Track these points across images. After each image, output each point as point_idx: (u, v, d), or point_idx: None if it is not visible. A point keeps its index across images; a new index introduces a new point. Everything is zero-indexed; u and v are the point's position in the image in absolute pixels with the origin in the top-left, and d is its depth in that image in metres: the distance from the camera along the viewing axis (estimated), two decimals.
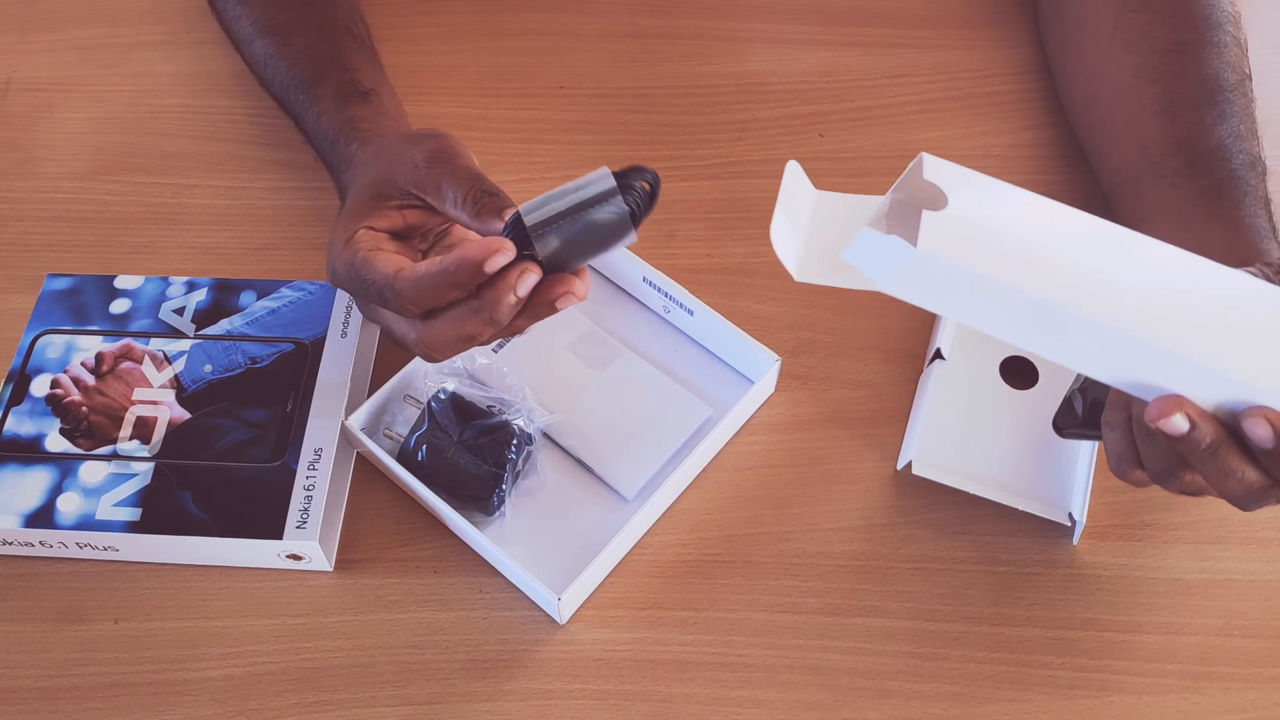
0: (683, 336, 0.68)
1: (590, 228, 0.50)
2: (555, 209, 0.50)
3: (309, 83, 0.67)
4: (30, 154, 0.77)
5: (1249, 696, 0.57)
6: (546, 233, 0.50)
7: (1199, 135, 0.64)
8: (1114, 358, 0.46)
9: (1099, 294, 0.45)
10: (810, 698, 0.57)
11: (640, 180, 0.50)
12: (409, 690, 0.57)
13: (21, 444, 0.61)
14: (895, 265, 0.45)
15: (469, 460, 0.60)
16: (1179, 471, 0.50)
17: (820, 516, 0.63)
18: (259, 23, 0.71)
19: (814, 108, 0.79)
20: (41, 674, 0.58)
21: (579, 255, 0.51)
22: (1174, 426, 0.46)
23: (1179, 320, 0.46)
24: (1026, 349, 0.48)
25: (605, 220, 0.49)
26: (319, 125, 0.65)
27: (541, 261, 0.51)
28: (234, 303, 0.66)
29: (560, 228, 0.50)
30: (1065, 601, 0.60)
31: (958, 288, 0.45)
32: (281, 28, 0.70)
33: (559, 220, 0.49)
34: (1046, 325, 0.46)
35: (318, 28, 0.69)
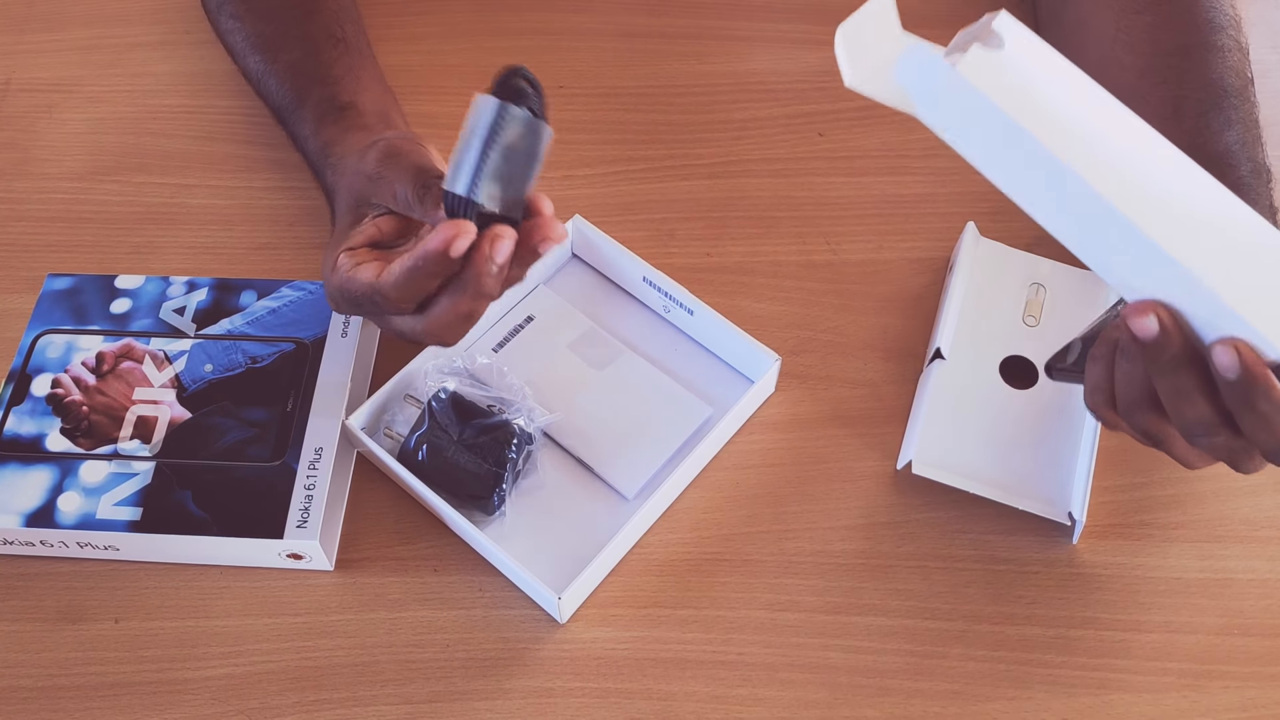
0: (683, 336, 0.68)
1: (509, 152, 0.50)
2: (470, 160, 0.49)
3: (293, 104, 0.67)
4: (30, 154, 0.77)
5: (1248, 695, 0.57)
6: (477, 185, 0.50)
7: (1206, 141, 0.63)
8: (1109, 243, 0.46)
9: (1116, 178, 0.45)
10: (810, 696, 0.57)
11: (516, 81, 0.49)
12: (409, 689, 0.57)
13: (22, 443, 0.61)
14: (933, 85, 0.46)
15: (469, 459, 0.60)
16: (1146, 406, 0.50)
17: (820, 515, 0.63)
18: (250, 37, 0.72)
19: (813, 107, 0.79)
20: (42, 673, 0.58)
21: (520, 181, 0.51)
22: (1144, 327, 0.46)
23: (1190, 232, 0.45)
24: (1032, 212, 0.48)
25: (517, 136, 0.49)
26: (305, 149, 0.67)
27: (498, 212, 0.50)
28: (234, 302, 0.66)
29: (486, 171, 0.49)
30: (1065, 600, 0.60)
31: (983, 124, 0.46)
32: (269, 43, 0.70)
33: (480, 166, 0.49)
34: (1056, 190, 0.46)
35: (301, 41, 0.70)
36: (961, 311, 0.67)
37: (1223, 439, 0.49)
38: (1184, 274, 0.45)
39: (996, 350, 0.66)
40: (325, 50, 0.69)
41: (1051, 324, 0.67)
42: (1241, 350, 0.45)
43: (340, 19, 0.71)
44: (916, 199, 0.75)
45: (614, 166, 0.76)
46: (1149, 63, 0.67)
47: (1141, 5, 0.69)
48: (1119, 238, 0.46)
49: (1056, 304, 0.68)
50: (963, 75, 0.45)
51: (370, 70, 0.70)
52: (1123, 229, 0.45)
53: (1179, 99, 0.65)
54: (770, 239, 0.73)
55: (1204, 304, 0.45)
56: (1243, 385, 0.45)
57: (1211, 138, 0.63)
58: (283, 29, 0.70)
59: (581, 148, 0.77)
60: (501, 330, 0.68)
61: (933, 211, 0.74)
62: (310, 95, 0.67)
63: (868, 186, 0.75)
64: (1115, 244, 0.46)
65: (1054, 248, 0.72)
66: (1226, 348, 0.45)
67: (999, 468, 0.62)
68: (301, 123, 0.67)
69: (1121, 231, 0.45)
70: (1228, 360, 0.45)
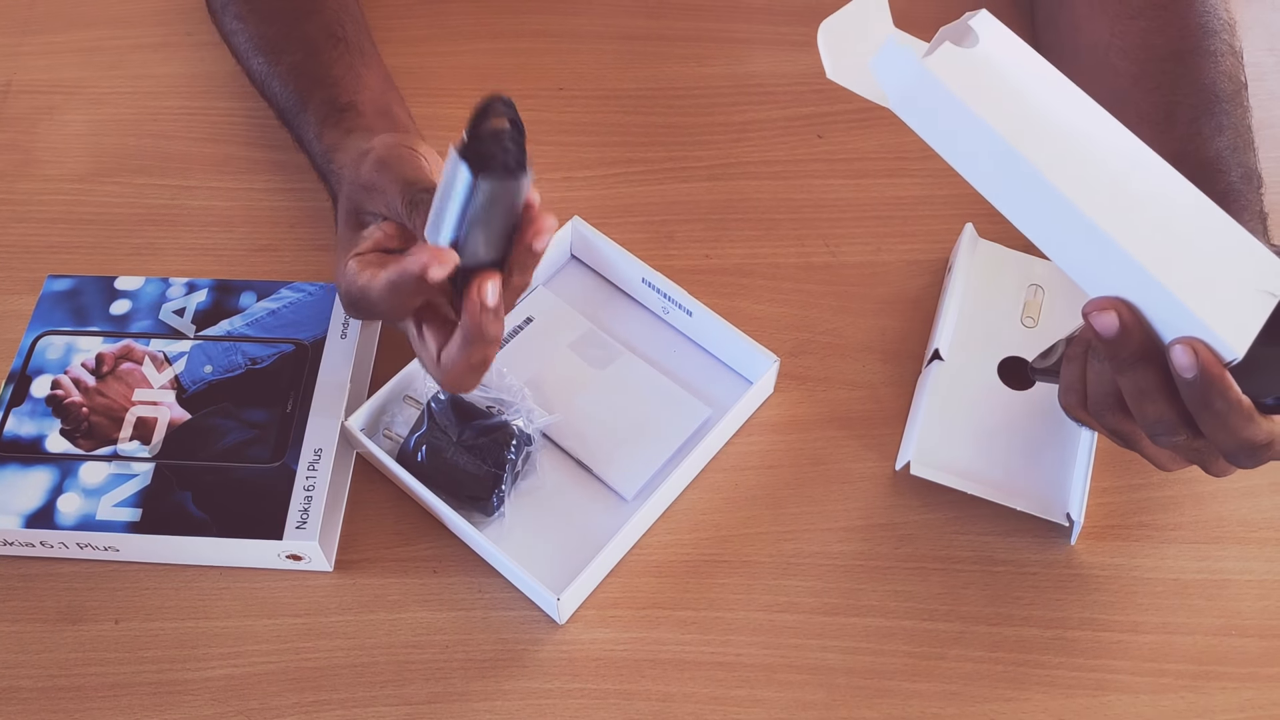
0: (681, 337, 0.68)
1: (488, 212, 0.48)
2: (448, 223, 0.49)
3: (297, 107, 0.68)
4: (30, 156, 0.77)
5: (1246, 695, 0.57)
6: (459, 246, 0.49)
7: (1197, 147, 0.64)
8: (1071, 240, 0.47)
9: (1079, 176, 0.46)
10: (808, 697, 0.57)
11: (491, 128, 0.47)
12: (408, 690, 0.57)
13: (22, 444, 0.61)
14: (904, 80, 0.48)
15: (468, 461, 0.60)
16: (1114, 405, 0.51)
17: (818, 517, 0.63)
18: (253, 39, 0.72)
19: (812, 109, 0.79)
20: (42, 674, 0.58)
21: (501, 229, 0.50)
22: (1105, 322, 0.46)
23: (1153, 232, 0.46)
24: (1000, 206, 0.49)
25: (495, 199, 0.48)
26: (310, 152, 0.67)
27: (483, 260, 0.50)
28: (234, 304, 0.67)
29: (465, 233, 0.49)
30: (1063, 601, 0.60)
31: (951, 119, 0.48)
32: (272, 44, 0.71)
33: (459, 230, 0.49)
34: (1019, 185, 0.47)
35: (302, 42, 0.70)
36: (960, 313, 0.67)
37: (1184, 439, 0.49)
38: (1142, 273, 0.45)
39: (995, 351, 0.66)
40: (325, 51, 0.69)
41: (1050, 325, 0.67)
42: (1199, 350, 0.45)
43: (341, 18, 0.71)
44: (915, 201, 0.75)
45: (613, 169, 0.76)
46: (1142, 68, 0.68)
47: (1136, 10, 0.69)
48: (1079, 234, 0.46)
49: (1055, 305, 0.68)
50: (930, 70, 0.46)
51: (372, 68, 0.70)
52: (1083, 226, 0.46)
53: (1171, 104, 0.65)
54: (769, 241, 0.73)
55: (1163, 303, 0.46)
56: (1200, 385, 0.46)
57: (1202, 143, 0.64)
58: (284, 30, 0.71)
59: (581, 150, 0.77)
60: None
61: (931, 213, 0.74)
62: (312, 98, 0.67)
63: (866, 188, 0.75)
64: (1076, 240, 0.47)
65: None
66: (1184, 347, 0.45)
67: (997, 469, 0.62)
68: (305, 126, 0.67)
69: (1081, 228, 0.46)
70: (1185, 360, 0.45)
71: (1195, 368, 0.45)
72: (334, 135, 0.64)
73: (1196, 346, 0.45)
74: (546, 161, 0.76)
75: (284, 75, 0.69)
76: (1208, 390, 0.46)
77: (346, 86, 0.67)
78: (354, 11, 0.73)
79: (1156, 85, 0.67)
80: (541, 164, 0.76)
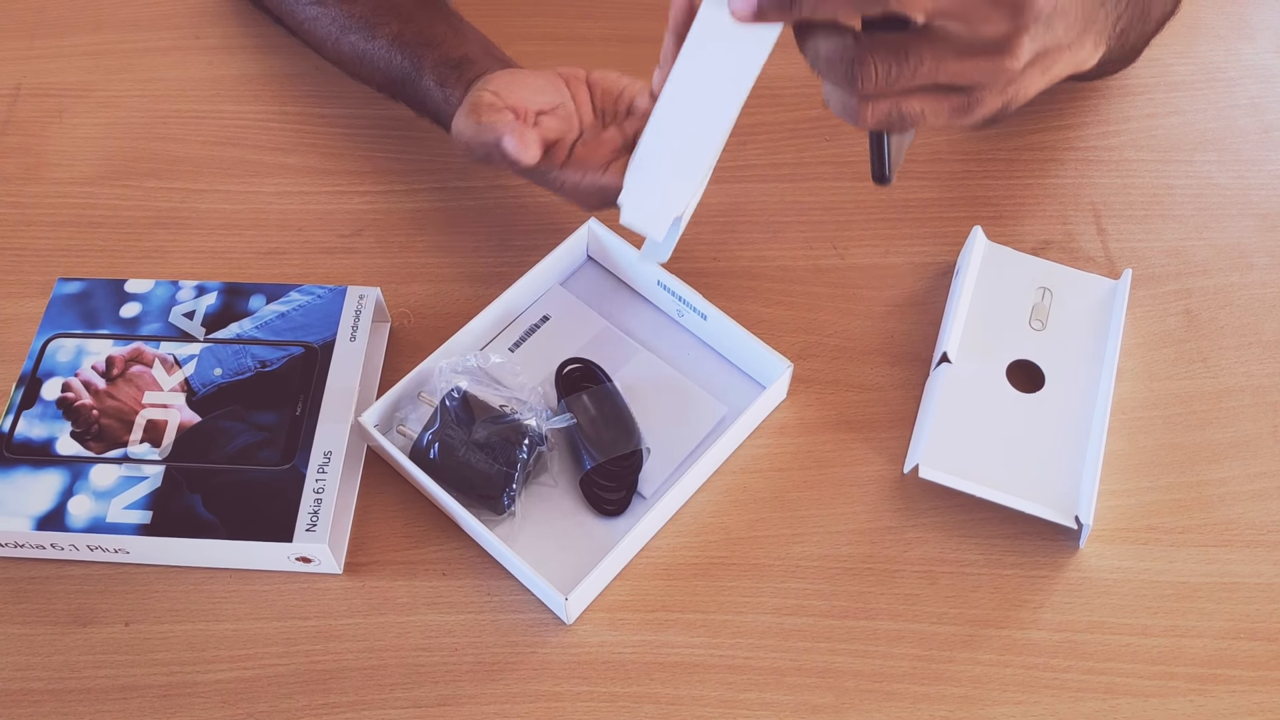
0: (695, 340, 0.68)
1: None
2: None
3: (412, 75, 0.69)
4: (40, 159, 0.77)
5: (1255, 699, 0.57)
6: None
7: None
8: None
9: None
10: (817, 700, 0.57)
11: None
12: (418, 692, 0.57)
13: (33, 447, 0.61)
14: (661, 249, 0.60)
15: (480, 459, 0.60)
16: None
17: (827, 519, 0.63)
18: (339, 20, 0.73)
19: (820, 112, 0.79)
20: (53, 676, 0.58)
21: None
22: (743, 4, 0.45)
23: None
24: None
25: None
26: (440, 115, 0.69)
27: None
28: (243, 306, 0.67)
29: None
30: (1072, 604, 0.60)
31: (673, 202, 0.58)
32: (364, 21, 0.72)
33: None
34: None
35: (395, 12, 0.72)
36: (968, 316, 0.67)
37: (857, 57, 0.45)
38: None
39: (1003, 354, 0.66)
40: (419, 16, 0.71)
41: (1058, 328, 0.67)
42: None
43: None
44: (923, 203, 0.75)
45: None
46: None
47: None
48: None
49: (1063, 308, 0.68)
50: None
51: (463, 22, 0.73)
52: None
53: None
54: (777, 243, 0.73)
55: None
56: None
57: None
58: (373, 6, 0.72)
59: None
60: (518, 329, 0.68)
61: (939, 216, 0.74)
62: (425, 60, 0.69)
63: (874, 191, 0.75)
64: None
65: (1061, 252, 0.72)
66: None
67: (1006, 471, 0.62)
68: (426, 90, 0.69)
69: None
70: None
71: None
72: (458, 91, 0.67)
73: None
74: None
75: (386, 48, 0.71)
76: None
77: (453, 43, 0.69)
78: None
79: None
80: None
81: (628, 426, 0.62)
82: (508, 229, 0.73)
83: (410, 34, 0.70)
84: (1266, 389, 0.67)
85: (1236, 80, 0.82)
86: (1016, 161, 0.77)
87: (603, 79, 0.67)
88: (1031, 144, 0.78)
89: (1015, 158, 0.77)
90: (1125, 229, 0.74)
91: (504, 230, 0.73)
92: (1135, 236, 0.74)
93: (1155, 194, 0.76)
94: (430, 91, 0.68)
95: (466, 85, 0.66)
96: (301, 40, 0.78)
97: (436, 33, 0.70)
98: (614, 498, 0.62)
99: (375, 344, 0.68)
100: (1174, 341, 0.69)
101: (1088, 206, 0.75)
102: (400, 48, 0.70)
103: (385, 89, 0.72)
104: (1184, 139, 0.79)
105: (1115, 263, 0.72)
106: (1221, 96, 0.81)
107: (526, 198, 0.75)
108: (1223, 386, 0.67)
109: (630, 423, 0.63)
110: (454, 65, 0.68)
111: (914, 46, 0.45)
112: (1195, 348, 0.69)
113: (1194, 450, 0.65)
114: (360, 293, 0.67)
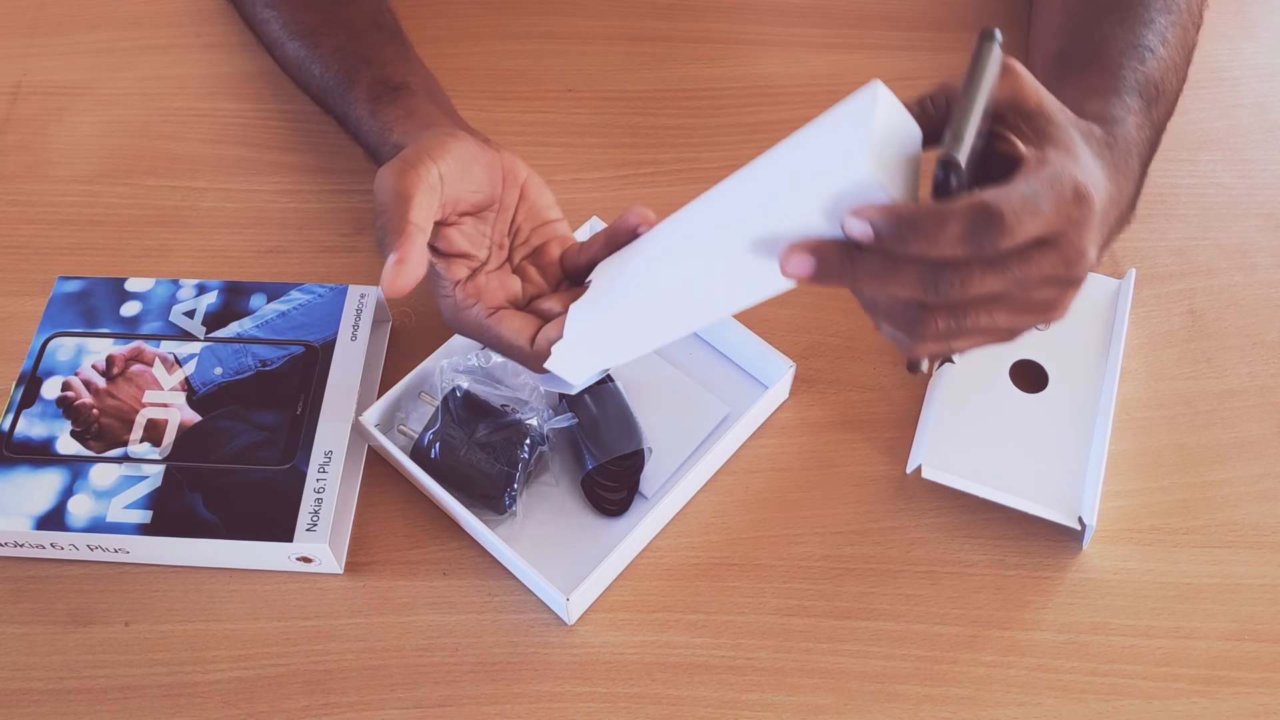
0: (697, 339, 0.68)
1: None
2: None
3: (343, 86, 0.68)
4: (41, 157, 0.77)
5: (1260, 701, 0.57)
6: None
7: (1089, 33, 0.64)
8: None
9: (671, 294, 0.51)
10: (819, 701, 0.57)
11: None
12: (419, 693, 0.57)
13: (33, 446, 0.61)
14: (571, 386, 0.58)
15: (481, 459, 0.60)
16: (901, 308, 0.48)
17: (829, 520, 0.63)
18: (288, 25, 0.72)
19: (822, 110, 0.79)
20: (53, 676, 0.58)
21: None
22: (799, 264, 0.46)
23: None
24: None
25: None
26: (359, 130, 0.67)
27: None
28: (244, 305, 0.66)
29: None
30: (1075, 605, 0.60)
31: (607, 361, 0.57)
32: (311, 29, 0.71)
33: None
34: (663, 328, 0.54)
35: (345, 26, 0.70)
36: None
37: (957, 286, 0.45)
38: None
39: (1006, 354, 0.66)
40: (370, 34, 0.70)
41: (1061, 328, 0.67)
42: (866, 212, 0.44)
43: (379, 7, 0.72)
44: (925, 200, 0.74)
45: (623, 170, 0.76)
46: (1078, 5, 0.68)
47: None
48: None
49: None
50: (571, 383, 0.58)
51: (415, 56, 0.71)
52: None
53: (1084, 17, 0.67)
54: None
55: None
56: (892, 230, 0.44)
57: (1098, 33, 0.64)
58: (325, 16, 0.71)
59: (590, 151, 0.77)
60: None
61: None
62: (361, 76, 0.67)
63: None
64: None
65: None
66: (853, 219, 0.44)
67: (1009, 472, 0.62)
68: (354, 103, 0.67)
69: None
70: (859, 224, 0.44)
71: (872, 218, 0.44)
72: (392, 111, 0.65)
73: (863, 213, 0.44)
74: (555, 163, 0.76)
75: (326, 57, 0.69)
76: (902, 229, 0.44)
77: (397, 68, 0.68)
78: (388, 4, 0.74)
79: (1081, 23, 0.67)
80: (550, 166, 0.76)
81: (629, 426, 0.62)
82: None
83: (355, 49, 0.69)
84: (1271, 389, 0.67)
85: (1240, 80, 0.82)
86: None
87: (537, 196, 0.61)
88: None
89: None
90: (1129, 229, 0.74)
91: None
92: (1139, 236, 0.73)
93: (1159, 193, 0.75)
94: (358, 105, 0.66)
95: (406, 113, 0.64)
96: (257, 39, 0.77)
97: (382, 54, 0.68)
98: (616, 498, 0.62)
99: (376, 343, 0.67)
100: (1178, 341, 0.69)
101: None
102: (339, 59, 0.69)
103: (318, 99, 0.71)
104: (1188, 138, 0.78)
105: (1119, 262, 0.72)
106: (1225, 96, 0.81)
107: None
108: (1227, 387, 0.67)
109: (632, 422, 0.62)
110: (391, 88, 0.66)
111: (975, 307, 0.46)
112: (1199, 348, 0.69)
113: (1198, 451, 0.65)
114: (361, 292, 0.66)
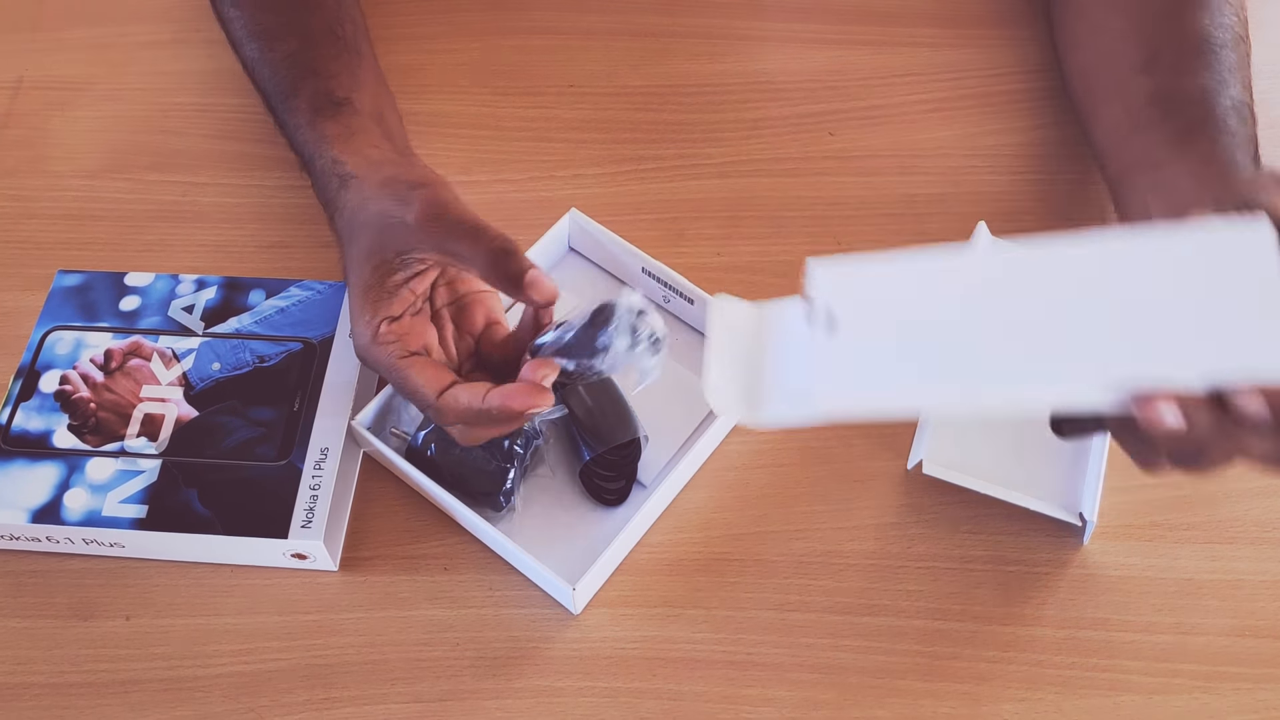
0: (684, 326, 0.68)
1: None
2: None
3: (286, 93, 0.67)
4: (41, 152, 0.77)
5: (1260, 697, 0.57)
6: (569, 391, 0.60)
7: (1177, 83, 0.63)
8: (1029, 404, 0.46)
9: (1004, 357, 0.44)
10: (820, 696, 0.57)
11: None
12: (420, 687, 0.57)
13: (30, 439, 0.61)
14: (812, 417, 0.47)
15: (477, 455, 0.60)
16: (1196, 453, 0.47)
17: (830, 515, 0.62)
18: (248, 26, 0.71)
19: (824, 106, 0.79)
20: (53, 670, 0.58)
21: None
22: (1160, 417, 0.43)
23: (1088, 342, 0.43)
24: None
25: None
26: (295, 138, 0.66)
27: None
28: (243, 301, 0.66)
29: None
30: (1076, 601, 0.60)
31: (872, 408, 0.47)
32: (267, 32, 0.70)
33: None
34: (963, 407, 0.48)
35: (300, 32, 0.69)
36: None
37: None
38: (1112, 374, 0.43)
39: None
40: (324, 45, 0.69)
41: None
42: (1267, 393, 0.42)
43: (341, 18, 0.71)
44: (928, 199, 0.74)
45: (624, 166, 0.76)
46: (1133, 24, 0.67)
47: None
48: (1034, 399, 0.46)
49: None
50: (825, 409, 0.46)
51: (368, 70, 0.70)
52: (1037, 396, 0.45)
53: (1155, 51, 0.65)
54: (781, 238, 0.73)
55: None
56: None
57: (1183, 81, 0.63)
58: (283, 20, 0.70)
59: (591, 147, 0.77)
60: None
61: (944, 211, 0.74)
62: (304, 86, 0.66)
63: (878, 186, 0.75)
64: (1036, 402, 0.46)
65: None
66: (1252, 396, 0.42)
67: (1010, 468, 0.62)
68: (294, 112, 0.66)
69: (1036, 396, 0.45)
70: (1255, 406, 0.42)
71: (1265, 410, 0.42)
72: (331, 126, 0.64)
73: (1262, 391, 0.42)
74: (556, 159, 0.76)
75: (276, 62, 0.68)
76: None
77: (343, 82, 0.67)
78: (354, 14, 0.72)
79: (1145, 37, 0.66)
80: (551, 161, 0.76)
81: (625, 415, 0.62)
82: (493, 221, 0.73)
83: (304, 58, 0.68)
84: None
85: None
86: (1020, 157, 0.77)
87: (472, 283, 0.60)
88: (1035, 140, 0.77)
89: (1018, 153, 0.77)
90: None
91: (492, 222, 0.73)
92: None
93: None
94: (297, 114, 0.65)
95: (342, 129, 0.63)
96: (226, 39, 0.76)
97: (331, 67, 0.67)
98: (614, 487, 0.62)
99: None
100: None
101: (1094, 202, 0.74)
102: (288, 66, 0.68)
103: (265, 102, 0.70)
104: None
105: None
106: None
107: (517, 190, 0.74)
108: None
109: (627, 411, 0.62)
110: (334, 102, 0.65)
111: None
112: None
113: None
114: None
